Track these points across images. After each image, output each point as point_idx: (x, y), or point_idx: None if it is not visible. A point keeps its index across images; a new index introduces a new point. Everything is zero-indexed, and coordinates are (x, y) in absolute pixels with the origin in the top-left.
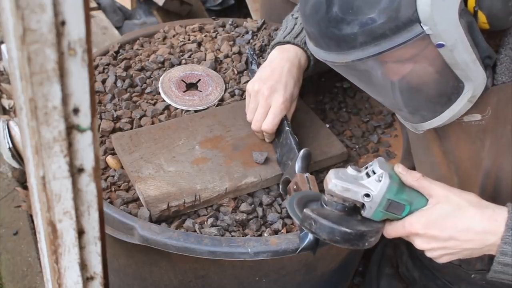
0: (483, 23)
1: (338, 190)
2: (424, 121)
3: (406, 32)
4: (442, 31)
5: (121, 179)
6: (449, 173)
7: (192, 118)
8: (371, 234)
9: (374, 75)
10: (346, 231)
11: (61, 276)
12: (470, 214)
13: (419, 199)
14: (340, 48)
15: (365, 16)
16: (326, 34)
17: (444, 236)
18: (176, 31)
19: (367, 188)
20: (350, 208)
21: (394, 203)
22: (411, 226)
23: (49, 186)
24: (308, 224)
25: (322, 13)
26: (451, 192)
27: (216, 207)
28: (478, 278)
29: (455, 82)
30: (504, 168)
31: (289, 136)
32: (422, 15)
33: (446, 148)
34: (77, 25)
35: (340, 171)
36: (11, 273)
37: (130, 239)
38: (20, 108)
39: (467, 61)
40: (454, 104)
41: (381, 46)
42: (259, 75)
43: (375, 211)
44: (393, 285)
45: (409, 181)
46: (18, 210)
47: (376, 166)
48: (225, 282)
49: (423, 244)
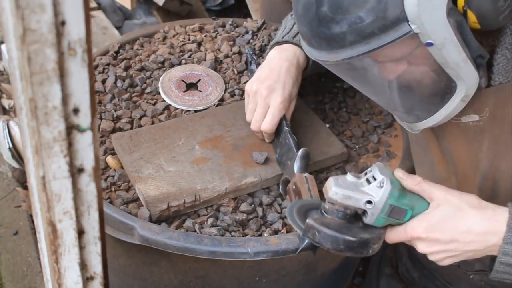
0: (473, 23)
1: (339, 198)
2: (419, 120)
3: (394, 31)
4: (430, 30)
5: (121, 179)
6: (447, 174)
7: (192, 118)
8: (374, 241)
9: (366, 74)
10: (350, 240)
11: (61, 276)
12: (471, 215)
13: (420, 203)
14: (331, 47)
15: (353, 15)
16: (317, 33)
17: (445, 239)
18: (176, 31)
19: (369, 195)
20: (351, 215)
21: (396, 208)
22: (413, 230)
23: (49, 186)
24: (312, 234)
25: (312, 13)
26: (451, 194)
27: (216, 207)
28: (477, 279)
29: (447, 82)
30: (502, 169)
31: (288, 136)
32: (409, 14)
33: (444, 149)
34: (77, 25)
35: (340, 179)
36: (11, 273)
37: (130, 239)
38: (20, 108)
39: (458, 60)
40: (447, 103)
41: (370, 45)
42: (257, 75)
43: (377, 218)
44: (393, 285)
45: (410, 186)
46: (18, 210)
47: (376, 172)
48: (225, 282)
49: (425, 248)
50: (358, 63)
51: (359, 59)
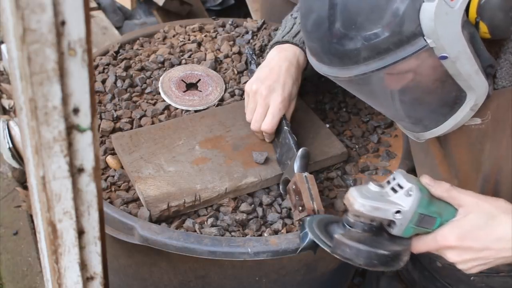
0: (484, 33)
1: (367, 210)
2: (426, 130)
3: (409, 45)
4: (446, 44)
5: (121, 179)
6: (449, 176)
7: (192, 118)
8: (405, 253)
9: (376, 88)
10: (384, 254)
11: (61, 276)
12: (503, 221)
13: (448, 209)
14: (343, 64)
15: (368, 32)
16: (329, 50)
17: (478, 247)
18: (176, 31)
19: (398, 204)
20: (377, 227)
21: (426, 217)
22: (444, 239)
23: (49, 186)
24: (341, 251)
25: (324, 29)
26: (481, 200)
27: (216, 207)
28: (477, 281)
29: (457, 92)
30: (504, 172)
31: (288, 136)
32: (425, 29)
33: (446, 151)
34: (77, 25)
35: (363, 189)
36: (11, 273)
37: (130, 239)
38: (20, 108)
39: (470, 71)
40: (456, 113)
41: (384, 61)
42: (257, 75)
43: (406, 228)
44: (393, 285)
45: (439, 193)
46: (18, 210)
47: (402, 180)
48: (225, 282)
49: (456, 256)
50: (371, 78)
51: (372, 75)
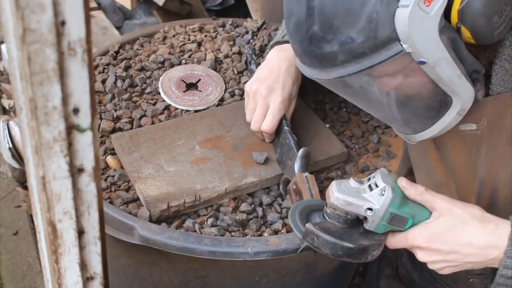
0: (468, 38)
1: (340, 204)
2: (415, 133)
3: (385, 50)
4: (422, 49)
5: (121, 179)
6: (446, 179)
7: (192, 118)
8: (374, 248)
9: (359, 90)
10: (349, 246)
11: (61, 276)
12: (473, 228)
13: (421, 211)
14: (322, 66)
15: (344, 35)
16: (309, 52)
17: (446, 250)
18: (176, 31)
19: (370, 202)
20: (353, 220)
21: (397, 216)
22: (414, 239)
23: (49, 186)
24: (311, 239)
25: (303, 32)
26: (454, 205)
27: (216, 207)
28: (476, 283)
29: (442, 97)
30: (500, 177)
31: (288, 136)
32: (400, 34)
33: (443, 155)
34: (77, 25)
35: (342, 183)
36: (11, 273)
37: (130, 239)
38: (20, 108)
39: (452, 76)
40: (443, 117)
41: (361, 64)
42: (257, 75)
43: (377, 224)
44: (393, 286)
45: (413, 195)
46: (18, 210)
47: (379, 179)
48: (225, 282)
49: (425, 256)
50: (351, 80)
51: (352, 77)
